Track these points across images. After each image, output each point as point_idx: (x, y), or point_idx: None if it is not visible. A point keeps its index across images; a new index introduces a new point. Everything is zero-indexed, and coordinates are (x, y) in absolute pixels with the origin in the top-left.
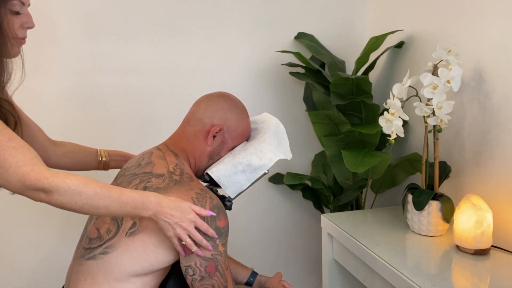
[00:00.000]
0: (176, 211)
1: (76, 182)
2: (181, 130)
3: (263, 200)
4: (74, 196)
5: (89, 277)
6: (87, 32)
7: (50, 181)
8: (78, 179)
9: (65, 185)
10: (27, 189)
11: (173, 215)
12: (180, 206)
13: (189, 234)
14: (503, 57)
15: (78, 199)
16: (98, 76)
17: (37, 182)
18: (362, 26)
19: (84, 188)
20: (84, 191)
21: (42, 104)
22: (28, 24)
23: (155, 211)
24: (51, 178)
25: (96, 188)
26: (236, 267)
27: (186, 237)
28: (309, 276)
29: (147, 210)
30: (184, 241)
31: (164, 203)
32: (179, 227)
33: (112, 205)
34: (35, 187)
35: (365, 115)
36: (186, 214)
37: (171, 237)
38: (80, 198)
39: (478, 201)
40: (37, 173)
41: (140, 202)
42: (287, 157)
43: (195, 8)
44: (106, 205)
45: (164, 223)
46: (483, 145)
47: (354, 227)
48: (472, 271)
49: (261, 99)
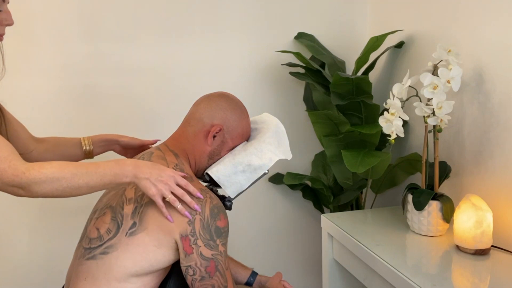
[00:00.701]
0: (154, 169)
1: (52, 170)
2: (181, 130)
3: (263, 200)
4: (53, 183)
5: (89, 277)
6: (87, 32)
7: (27, 175)
8: (53, 166)
9: (42, 175)
10: (6, 186)
11: (152, 173)
12: (157, 165)
13: (171, 191)
14: (503, 57)
15: (58, 185)
16: (98, 76)
17: (14, 178)
18: (362, 26)
19: (62, 173)
20: (62, 176)
21: (42, 104)
22: (7, 22)
23: (134, 173)
24: (28, 172)
25: (72, 170)
26: (236, 267)
27: (169, 193)
28: (309, 276)
29: (126, 174)
30: (167, 198)
31: (141, 164)
32: (160, 183)
33: (92, 180)
34: (13, 184)
35: (365, 115)
36: (164, 171)
37: (154, 195)
38: (60, 184)
39: (478, 201)
40: (14, 169)
41: (118, 168)
42: (287, 157)
43: (195, 8)
44: (87, 182)
45: (145, 181)
46: (483, 145)
47: (354, 227)
48: (472, 271)
49: (261, 99)
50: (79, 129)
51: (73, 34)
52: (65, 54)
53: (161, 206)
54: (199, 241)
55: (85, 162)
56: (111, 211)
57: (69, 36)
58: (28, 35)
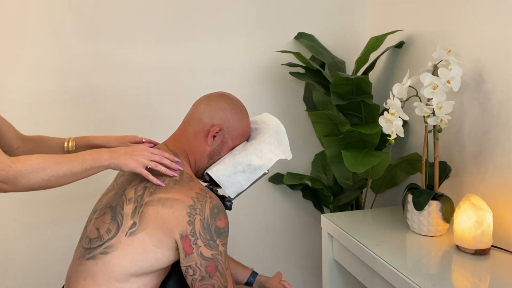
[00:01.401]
0: (127, 148)
1: (37, 160)
2: (181, 130)
3: (263, 200)
4: (39, 173)
5: (89, 277)
6: (87, 32)
7: (14, 167)
8: (37, 157)
9: (28, 166)
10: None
11: (126, 151)
12: (130, 146)
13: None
14: (503, 57)
15: (44, 174)
16: (98, 76)
17: (1, 172)
18: (362, 26)
19: (46, 162)
20: (47, 165)
21: (41, 104)
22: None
23: (110, 155)
24: (14, 165)
25: (55, 159)
26: (236, 267)
27: (149, 161)
28: (309, 276)
29: (104, 157)
30: (149, 165)
31: (116, 148)
32: (137, 156)
33: (74, 167)
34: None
35: (365, 115)
36: (137, 146)
37: (136, 167)
38: (46, 173)
39: (478, 201)
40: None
41: (96, 154)
42: (287, 157)
43: (195, 8)
44: (70, 169)
45: (123, 157)
46: (483, 145)
47: (354, 227)
48: (472, 271)
49: (261, 99)
50: (79, 129)
51: (72, 34)
52: (65, 54)
53: (146, 174)
54: (199, 241)
55: (65, 154)
56: (111, 211)
57: (69, 36)
58: (28, 35)
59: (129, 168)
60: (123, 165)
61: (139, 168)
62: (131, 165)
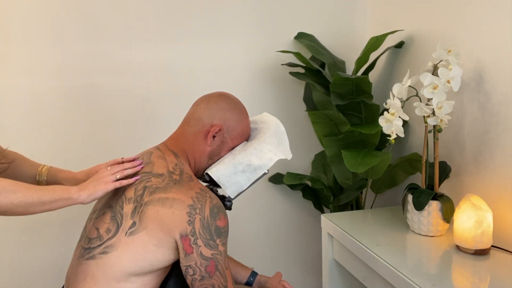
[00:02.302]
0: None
1: (8, 182)
2: (180, 130)
3: (263, 200)
4: (10, 196)
5: (89, 277)
6: (87, 32)
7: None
8: (8, 180)
9: (0, 187)
10: None
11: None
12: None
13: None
14: (503, 57)
15: (14, 198)
16: (98, 76)
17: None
18: (362, 26)
19: (17, 186)
20: (17, 189)
21: (41, 104)
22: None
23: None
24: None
25: (26, 185)
26: (236, 267)
27: (114, 175)
28: (309, 276)
29: (74, 188)
30: (117, 176)
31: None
32: (102, 177)
33: (44, 195)
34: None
35: (365, 115)
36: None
37: (106, 186)
38: (16, 196)
39: (478, 201)
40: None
41: (65, 186)
42: (287, 157)
43: (195, 7)
44: (39, 196)
45: (91, 185)
46: (483, 145)
47: (354, 227)
48: (472, 271)
49: (261, 99)
50: (78, 129)
51: (72, 34)
52: (65, 54)
53: (119, 183)
54: (199, 240)
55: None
56: (111, 211)
57: (69, 36)
58: (28, 35)
59: (101, 190)
60: (93, 191)
61: (109, 185)
62: (101, 187)
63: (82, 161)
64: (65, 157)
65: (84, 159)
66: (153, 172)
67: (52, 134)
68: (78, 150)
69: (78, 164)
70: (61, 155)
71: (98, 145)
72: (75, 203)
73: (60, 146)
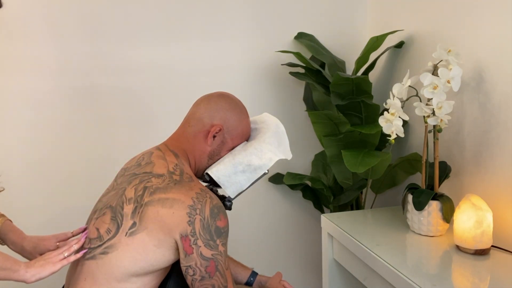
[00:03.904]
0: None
1: None
2: (181, 130)
3: (263, 200)
4: None
5: (89, 277)
6: (87, 32)
7: None
8: None
9: None
10: None
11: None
12: None
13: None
14: (503, 57)
15: None
16: (99, 76)
17: None
18: (362, 26)
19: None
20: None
21: (41, 104)
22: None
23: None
24: None
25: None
26: (236, 267)
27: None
28: (309, 276)
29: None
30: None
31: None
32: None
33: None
34: None
35: (365, 115)
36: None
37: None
38: None
39: (478, 201)
40: None
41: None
42: (287, 157)
43: (195, 8)
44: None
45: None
46: (483, 145)
47: (354, 227)
48: (472, 271)
49: (261, 99)
50: (78, 129)
51: (73, 34)
52: (65, 54)
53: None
54: (199, 241)
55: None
56: (111, 211)
57: (69, 36)
58: (28, 35)
59: (47, 270)
60: (40, 271)
61: (57, 264)
62: (48, 267)
63: (82, 161)
64: (65, 157)
65: (84, 158)
66: (154, 172)
67: (52, 134)
68: (78, 150)
69: (78, 164)
70: (61, 155)
71: (98, 145)
72: (19, 280)
73: (60, 146)
